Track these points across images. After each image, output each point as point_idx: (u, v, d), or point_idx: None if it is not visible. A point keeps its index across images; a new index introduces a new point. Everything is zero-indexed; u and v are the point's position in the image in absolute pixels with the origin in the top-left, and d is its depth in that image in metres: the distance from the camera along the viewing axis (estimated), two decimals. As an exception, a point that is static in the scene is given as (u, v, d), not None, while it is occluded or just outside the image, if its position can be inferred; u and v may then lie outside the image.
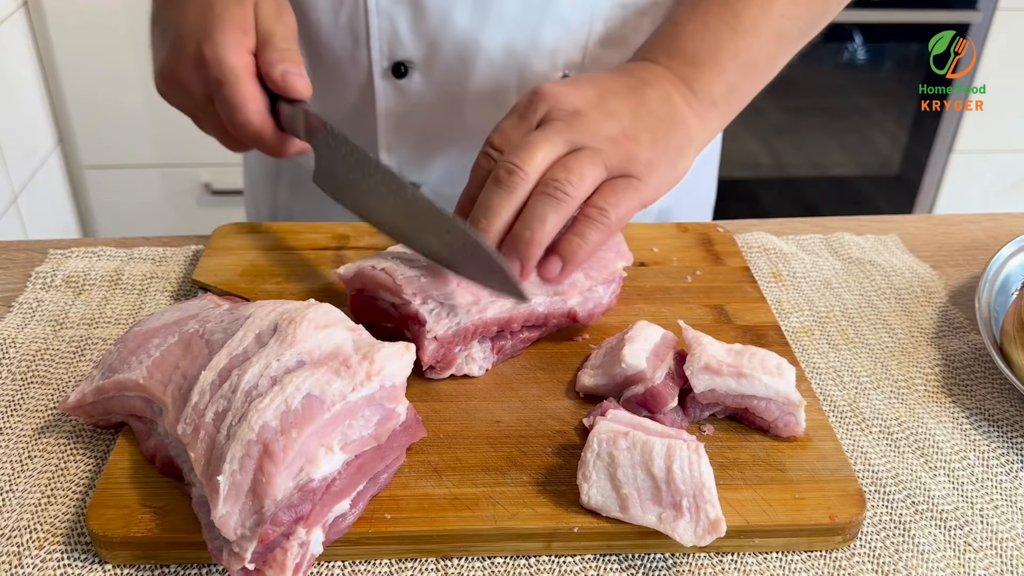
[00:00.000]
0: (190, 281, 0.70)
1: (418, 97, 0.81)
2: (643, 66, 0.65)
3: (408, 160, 0.85)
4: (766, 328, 0.64)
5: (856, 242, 0.78)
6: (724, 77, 0.65)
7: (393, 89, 0.80)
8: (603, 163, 0.57)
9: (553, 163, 0.57)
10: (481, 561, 0.49)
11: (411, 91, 0.80)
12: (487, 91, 0.80)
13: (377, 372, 0.47)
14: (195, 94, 0.63)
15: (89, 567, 0.48)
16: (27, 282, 0.69)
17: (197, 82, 0.63)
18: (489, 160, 0.59)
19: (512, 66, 0.79)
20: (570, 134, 0.57)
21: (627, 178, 0.58)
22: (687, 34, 0.65)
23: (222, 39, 0.61)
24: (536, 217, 0.55)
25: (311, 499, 0.44)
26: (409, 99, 0.81)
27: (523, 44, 0.78)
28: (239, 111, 0.60)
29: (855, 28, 2.07)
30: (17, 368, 0.61)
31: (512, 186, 0.56)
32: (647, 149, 0.59)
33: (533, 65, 0.79)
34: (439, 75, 0.79)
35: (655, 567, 0.49)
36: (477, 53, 0.78)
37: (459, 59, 0.78)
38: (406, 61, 0.79)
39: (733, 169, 2.26)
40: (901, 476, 0.55)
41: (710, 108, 0.64)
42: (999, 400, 0.61)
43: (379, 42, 0.78)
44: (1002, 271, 0.68)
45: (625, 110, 0.60)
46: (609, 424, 0.50)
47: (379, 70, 0.79)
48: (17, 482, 0.52)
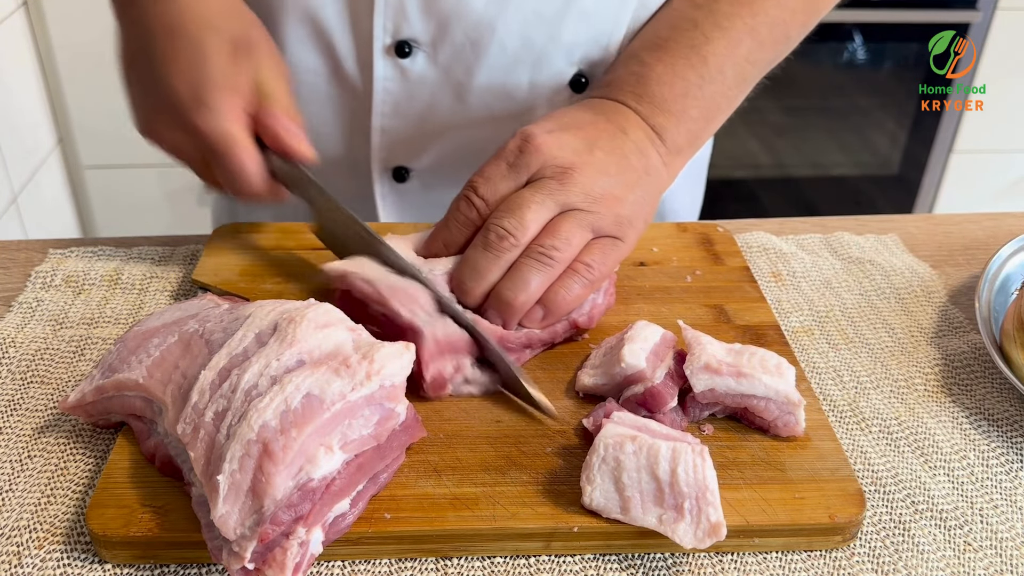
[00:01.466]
0: (190, 281, 0.70)
1: (420, 79, 0.78)
2: (617, 109, 0.64)
3: (400, 143, 0.82)
4: (766, 328, 0.64)
5: (856, 242, 0.78)
6: (689, 125, 0.65)
7: (394, 68, 0.77)
8: (591, 226, 0.58)
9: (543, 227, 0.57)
10: (481, 561, 0.49)
11: (413, 72, 0.77)
12: (495, 81, 0.77)
13: (377, 372, 0.47)
14: (189, 155, 0.63)
15: (89, 567, 0.48)
16: (27, 282, 0.69)
17: (191, 147, 0.62)
18: (471, 208, 0.59)
19: (526, 58, 0.76)
20: (562, 195, 0.58)
21: (612, 239, 0.60)
22: (655, 77, 0.65)
23: (218, 106, 0.60)
24: (523, 280, 0.56)
25: (311, 499, 0.44)
26: (410, 81, 0.78)
27: (541, 36, 0.75)
28: (240, 178, 0.61)
29: (855, 28, 2.07)
30: (17, 368, 0.61)
31: (502, 251, 0.56)
32: (629, 207, 0.60)
33: (550, 59, 0.77)
34: (446, 59, 0.76)
35: (655, 567, 0.49)
36: (491, 39, 0.74)
37: (470, 44, 0.75)
38: (411, 40, 0.75)
39: (733, 169, 2.26)
40: (901, 476, 0.55)
41: (676, 156, 0.65)
42: (999, 400, 0.61)
43: (384, 17, 0.74)
44: (1002, 271, 0.68)
45: (611, 165, 0.60)
46: (616, 428, 0.50)
47: (380, 47, 0.76)
48: (17, 481, 0.52)
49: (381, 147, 0.82)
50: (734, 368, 0.53)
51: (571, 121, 0.62)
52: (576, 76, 0.78)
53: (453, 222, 0.59)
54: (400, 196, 0.85)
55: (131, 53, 0.65)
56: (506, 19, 0.74)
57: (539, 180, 0.58)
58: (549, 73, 0.77)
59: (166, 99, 0.62)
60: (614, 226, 0.59)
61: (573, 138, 0.60)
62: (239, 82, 0.61)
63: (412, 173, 0.84)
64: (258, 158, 0.61)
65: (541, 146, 0.58)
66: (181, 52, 0.62)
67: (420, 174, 0.84)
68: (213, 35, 0.62)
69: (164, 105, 0.62)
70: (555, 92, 0.79)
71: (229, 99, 0.60)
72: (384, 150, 0.82)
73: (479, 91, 0.78)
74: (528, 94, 0.79)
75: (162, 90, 0.62)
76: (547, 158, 0.58)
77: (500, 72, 0.77)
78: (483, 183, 0.59)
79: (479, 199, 0.58)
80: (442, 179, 0.84)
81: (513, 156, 0.58)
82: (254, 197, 0.63)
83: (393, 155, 0.83)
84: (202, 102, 0.60)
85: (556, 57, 0.77)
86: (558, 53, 0.76)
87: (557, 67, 0.77)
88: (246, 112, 0.61)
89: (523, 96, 0.79)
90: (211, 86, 0.60)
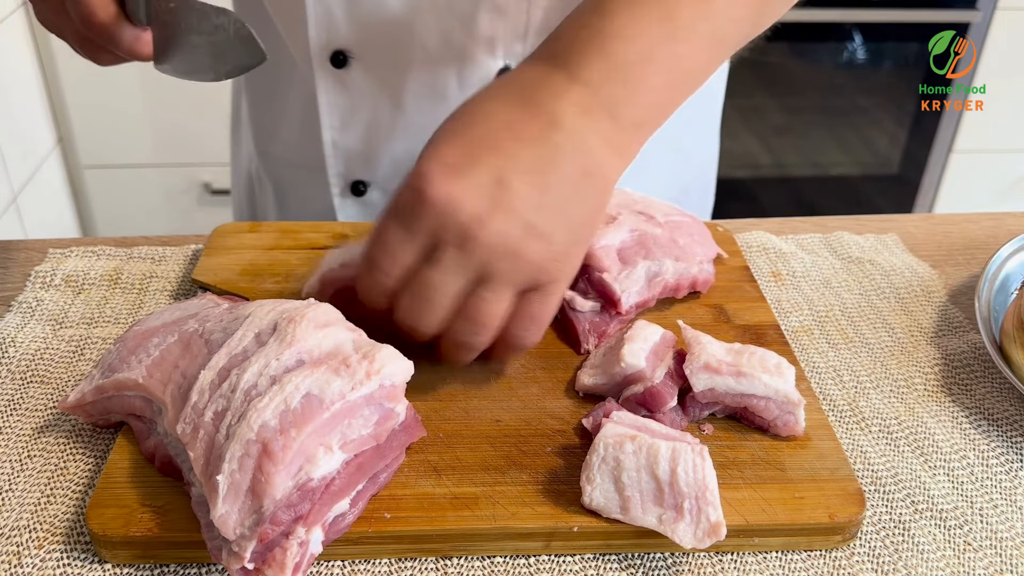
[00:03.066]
0: (189, 280, 0.70)
1: (359, 90, 0.79)
2: (551, 88, 0.52)
3: (353, 157, 0.83)
4: (765, 327, 0.64)
5: (856, 241, 0.78)
6: (652, 96, 0.54)
7: (335, 82, 0.78)
8: (510, 292, 0.51)
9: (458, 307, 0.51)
10: (481, 560, 0.49)
11: (352, 82, 0.78)
12: (426, 83, 0.78)
13: (377, 371, 0.47)
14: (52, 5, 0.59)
15: (88, 566, 0.48)
16: (27, 281, 0.69)
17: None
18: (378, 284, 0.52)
19: (450, 56, 0.76)
20: (470, 268, 0.50)
21: (539, 290, 0.52)
22: (614, 31, 0.53)
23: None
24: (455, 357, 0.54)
25: (310, 498, 0.44)
26: (351, 93, 0.79)
27: (459, 32, 0.75)
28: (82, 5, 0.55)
29: (855, 28, 2.07)
30: (16, 367, 0.61)
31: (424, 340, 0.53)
32: (560, 239, 0.51)
33: (472, 55, 0.76)
34: (377, 65, 0.77)
35: (655, 566, 0.49)
36: (412, 40, 0.75)
37: (395, 47, 0.76)
38: (344, 50, 0.76)
39: (733, 169, 2.26)
40: (901, 475, 0.55)
41: (632, 134, 0.54)
42: (999, 399, 0.61)
43: (316, 29, 0.75)
44: (1002, 270, 0.68)
45: (531, 192, 0.50)
46: (615, 428, 0.50)
47: (318, 60, 0.77)
48: (16, 481, 0.52)
49: (336, 162, 0.84)
50: (734, 368, 0.53)
51: (479, 132, 0.51)
52: (503, 70, 0.79)
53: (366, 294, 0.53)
54: (363, 208, 0.87)
55: None
56: (422, 18, 0.74)
57: (440, 248, 0.50)
58: (475, 69, 0.77)
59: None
60: (539, 274, 0.51)
61: (479, 170, 0.49)
62: None
63: (370, 187, 0.85)
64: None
65: (435, 202, 0.49)
66: None
67: (378, 185, 0.85)
68: None
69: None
70: None
71: None
72: (339, 165, 0.84)
73: (413, 95, 0.78)
74: (459, 93, 0.79)
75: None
76: (444, 218, 0.49)
77: (428, 73, 0.77)
78: (382, 255, 0.51)
79: (382, 274, 0.51)
80: None
81: (407, 215, 0.50)
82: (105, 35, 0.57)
83: (349, 170, 0.84)
84: None
85: (478, 52, 0.77)
86: (478, 48, 0.76)
87: (481, 62, 0.77)
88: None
89: (454, 96, 0.79)
90: None
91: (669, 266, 0.63)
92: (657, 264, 0.63)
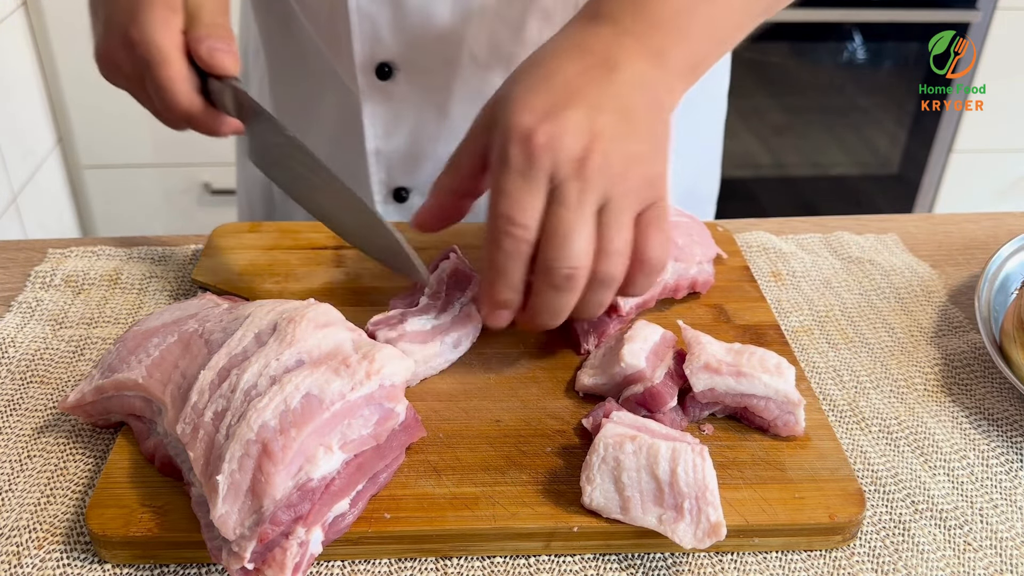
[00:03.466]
0: (189, 280, 0.70)
1: (404, 99, 0.80)
2: (603, 39, 0.57)
3: (396, 164, 0.84)
4: (765, 327, 0.64)
5: (856, 241, 0.78)
6: (692, 46, 0.59)
7: (378, 92, 0.79)
8: (631, 212, 0.54)
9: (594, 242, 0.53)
10: (480, 561, 0.49)
11: (396, 93, 0.79)
12: (472, 91, 0.79)
13: (377, 371, 0.47)
14: (128, 75, 0.62)
15: (88, 567, 0.48)
16: (26, 282, 0.69)
17: (128, 63, 0.61)
18: (517, 241, 0.53)
19: (497, 64, 0.77)
20: (592, 195, 0.53)
21: (653, 208, 0.55)
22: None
23: (148, 19, 0.59)
24: (596, 302, 0.55)
25: (310, 498, 0.44)
26: (394, 101, 0.80)
27: (507, 39, 0.76)
28: (166, 91, 0.59)
29: (855, 27, 2.07)
30: (16, 368, 0.61)
31: (574, 288, 0.53)
32: (652, 159, 0.55)
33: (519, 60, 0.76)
34: (424, 75, 0.78)
35: (655, 567, 0.49)
36: (460, 50, 0.76)
37: (442, 58, 0.77)
38: (389, 62, 0.77)
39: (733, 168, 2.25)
40: (901, 475, 0.55)
41: (678, 80, 0.59)
42: (999, 399, 0.61)
43: (361, 43, 0.76)
44: (1002, 270, 0.68)
45: (619, 121, 0.55)
46: (615, 428, 0.50)
47: (363, 72, 0.78)
48: (16, 482, 0.52)
49: (378, 170, 0.84)
50: (734, 368, 0.53)
51: (559, 82, 0.56)
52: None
53: (508, 263, 0.54)
54: (403, 215, 0.87)
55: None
56: (472, 30, 0.75)
57: (562, 186, 0.53)
58: None
59: (108, 21, 0.62)
60: (649, 192, 0.55)
61: (570, 111, 0.54)
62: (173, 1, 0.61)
63: (412, 192, 0.86)
64: (185, 73, 0.60)
65: (545, 144, 0.53)
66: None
67: (419, 191, 0.86)
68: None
69: (107, 27, 0.62)
70: None
71: (161, 13, 0.60)
72: (381, 172, 0.84)
73: (459, 103, 0.79)
74: None
75: (106, 12, 0.62)
76: (556, 155, 0.53)
77: (475, 81, 0.78)
78: (516, 209, 0.53)
79: (522, 229, 0.53)
80: None
81: (523, 165, 0.53)
82: (183, 117, 0.61)
83: (391, 177, 0.85)
84: (135, 15, 0.60)
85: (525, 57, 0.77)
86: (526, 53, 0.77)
87: None
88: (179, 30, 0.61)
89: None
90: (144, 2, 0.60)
91: (668, 266, 0.63)
92: None
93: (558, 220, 0.53)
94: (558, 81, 0.55)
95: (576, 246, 0.52)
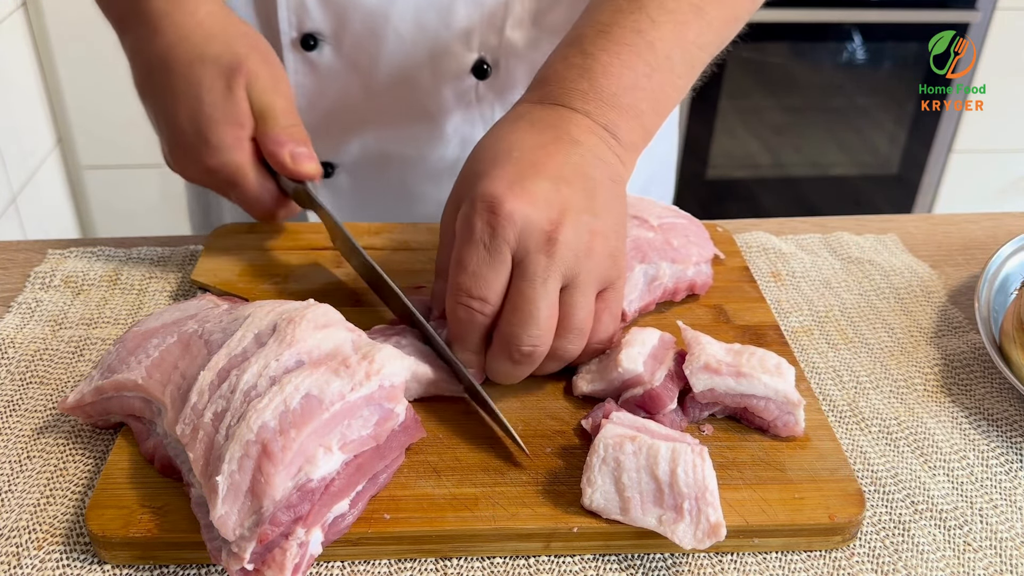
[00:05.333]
0: (189, 281, 0.70)
1: (329, 72, 0.80)
2: (561, 116, 0.57)
3: (321, 139, 0.82)
4: (765, 328, 0.64)
5: (855, 242, 0.78)
6: (641, 120, 0.60)
7: (303, 62, 0.79)
8: (594, 290, 0.54)
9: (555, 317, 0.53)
10: (480, 561, 0.49)
11: (322, 65, 0.79)
12: (398, 70, 0.79)
13: (376, 372, 0.47)
14: (209, 184, 0.66)
15: (88, 567, 0.48)
16: (26, 282, 0.69)
17: (208, 181, 0.65)
18: (474, 314, 0.53)
19: (423, 44, 0.78)
20: (557, 272, 0.52)
21: (612, 288, 0.56)
22: (600, 69, 0.58)
23: (220, 141, 0.62)
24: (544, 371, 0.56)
25: (310, 499, 0.44)
26: (320, 73, 0.80)
27: (434, 22, 0.76)
28: (254, 204, 0.64)
29: (855, 28, 2.07)
30: (16, 368, 0.61)
31: (532, 362, 0.53)
32: (613, 234, 0.55)
33: (447, 45, 0.78)
34: (349, 49, 0.78)
35: (655, 567, 0.49)
36: (386, 27, 0.76)
37: (369, 32, 0.77)
38: (315, 33, 0.78)
39: (732, 169, 2.26)
40: (900, 476, 0.55)
41: (630, 152, 0.60)
42: (998, 400, 0.61)
43: (286, 12, 0.77)
44: (1001, 271, 0.68)
45: (582, 196, 0.54)
46: (615, 428, 0.50)
47: (288, 41, 0.78)
48: (16, 482, 0.52)
49: None
50: (734, 368, 0.53)
51: (521, 155, 0.55)
52: (478, 63, 0.80)
53: (465, 331, 0.54)
54: (331, 191, 0.87)
55: (140, 81, 0.68)
56: (398, 6, 0.75)
57: (527, 259, 0.52)
58: (449, 60, 0.79)
59: (175, 136, 0.64)
60: (611, 269, 0.55)
61: (537, 182, 0.53)
62: (238, 112, 0.63)
63: (337, 168, 0.86)
64: (267, 184, 0.64)
65: (511, 215, 0.51)
66: (179, 89, 0.63)
67: (346, 168, 0.86)
68: (204, 68, 0.63)
69: (176, 141, 0.65)
70: (458, 79, 0.81)
71: (231, 132, 0.62)
72: None
73: (385, 81, 0.80)
74: (432, 82, 0.80)
75: (170, 127, 0.65)
76: (522, 227, 0.51)
77: (400, 60, 0.78)
78: (472, 282, 0.52)
79: (479, 302, 0.53)
80: (367, 173, 0.87)
81: (487, 236, 0.52)
82: (272, 218, 0.68)
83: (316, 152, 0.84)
84: (205, 140, 0.62)
85: (453, 43, 0.78)
86: (454, 39, 0.78)
87: (456, 53, 0.78)
88: (250, 140, 0.64)
89: (427, 85, 0.80)
90: (211, 123, 0.62)
91: (666, 269, 0.63)
92: (654, 268, 0.63)
93: (521, 296, 0.52)
94: (522, 154, 0.55)
95: (539, 324, 0.52)
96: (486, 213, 0.52)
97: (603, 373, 0.56)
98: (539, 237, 0.51)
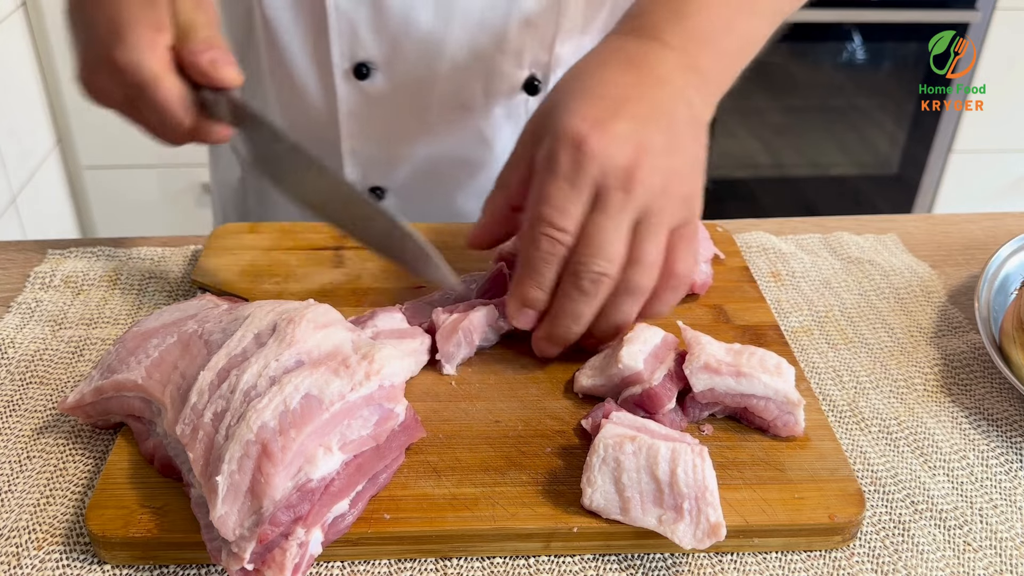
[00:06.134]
0: (189, 281, 0.70)
1: (381, 99, 0.80)
2: (651, 53, 0.58)
3: (372, 164, 0.84)
4: (765, 328, 0.64)
5: (855, 242, 0.77)
6: (727, 62, 0.62)
7: (355, 91, 0.79)
8: (666, 228, 0.56)
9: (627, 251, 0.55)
10: (480, 561, 0.49)
11: (373, 93, 0.79)
12: (452, 93, 0.79)
13: (376, 372, 0.47)
14: (117, 98, 0.61)
15: (88, 567, 0.48)
16: (26, 282, 0.69)
17: (116, 87, 0.60)
18: (556, 244, 0.55)
19: (477, 68, 0.78)
20: (632, 207, 0.54)
21: (687, 225, 0.57)
22: (696, 5, 0.60)
23: (135, 41, 0.58)
24: (621, 315, 0.56)
25: (310, 499, 0.44)
26: (372, 101, 0.80)
27: (488, 45, 0.76)
28: (164, 112, 0.59)
29: (854, 28, 2.07)
30: (16, 368, 0.61)
31: (599, 293, 0.55)
32: (689, 177, 0.57)
33: (499, 67, 0.78)
34: (402, 76, 0.78)
35: (654, 567, 0.49)
36: (441, 54, 0.76)
37: (422, 60, 0.77)
38: (368, 62, 0.77)
39: (732, 169, 2.26)
40: (900, 476, 0.55)
41: (714, 95, 0.61)
42: (998, 400, 0.61)
43: (339, 43, 0.76)
44: (1001, 271, 0.68)
45: (664, 137, 0.56)
46: (615, 428, 0.50)
47: (340, 71, 0.78)
48: (16, 482, 0.52)
49: (354, 170, 0.84)
50: (733, 368, 0.53)
51: (609, 93, 0.56)
52: (529, 79, 0.80)
53: (542, 263, 0.55)
54: None
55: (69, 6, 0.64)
56: (453, 32, 0.75)
57: (605, 194, 0.54)
58: (501, 80, 0.79)
59: (90, 43, 0.61)
60: (684, 211, 0.56)
61: (620, 122, 0.55)
62: (157, 16, 0.60)
63: (387, 192, 0.86)
64: (181, 91, 0.59)
65: (595, 152, 0.53)
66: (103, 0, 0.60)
67: (395, 192, 0.86)
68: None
69: (90, 50, 0.61)
70: (510, 97, 0.81)
71: (146, 33, 0.59)
72: (357, 171, 0.84)
73: (437, 105, 0.80)
74: (484, 102, 0.80)
75: (87, 34, 0.61)
76: (604, 163, 0.54)
77: (454, 84, 0.78)
78: (557, 214, 0.54)
79: (561, 232, 0.54)
80: (417, 194, 0.86)
81: (570, 171, 0.54)
82: (183, 135, 0.61)
83: (367, 177, 0.85)
84: (120, 38, 0.59)
85: (505, 64, 0.78)
86: (507, 60, 0.78)
87: (507, 73, 0.78)
88: (167, 48, 0.60)
89: (479, 105, 0.80)
90: (128, 23, 0.59)
91: None
92: None
93: (596, 226, 0.54)
94: (607, 92, 0.56)
95: (609, 251, 0.54)
96: (571, 149, 0.54)
97: (604, 369, 0.56)
98: (619, 175, 0.54)
